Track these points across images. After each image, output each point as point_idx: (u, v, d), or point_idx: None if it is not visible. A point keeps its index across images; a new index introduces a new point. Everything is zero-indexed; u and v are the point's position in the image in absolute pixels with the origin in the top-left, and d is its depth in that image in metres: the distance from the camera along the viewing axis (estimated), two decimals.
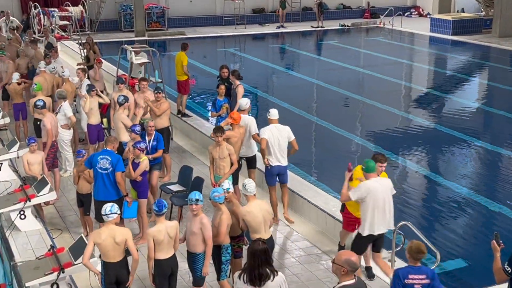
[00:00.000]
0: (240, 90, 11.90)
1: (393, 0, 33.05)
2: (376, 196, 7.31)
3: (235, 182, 9.27)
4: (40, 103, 10.84)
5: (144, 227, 8.83)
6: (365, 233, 7.44)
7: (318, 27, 29.69)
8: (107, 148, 8.72)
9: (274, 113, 9.72)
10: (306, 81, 19.92)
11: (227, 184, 7.49)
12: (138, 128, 9.58)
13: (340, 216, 8.62)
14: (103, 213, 6.85)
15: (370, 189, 7.29)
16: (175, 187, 9.90)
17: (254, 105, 17.34)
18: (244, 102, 10.22)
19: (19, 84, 13.17)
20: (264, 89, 19.24)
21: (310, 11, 31.37)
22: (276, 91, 19.20)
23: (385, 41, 27.71)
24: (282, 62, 24.38)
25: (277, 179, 9.59)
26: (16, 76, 13.09)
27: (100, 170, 8.55)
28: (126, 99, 10.85)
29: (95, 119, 11.74)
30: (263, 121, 16.04)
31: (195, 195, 7.05)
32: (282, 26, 29.21)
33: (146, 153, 9.12)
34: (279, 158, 9.44)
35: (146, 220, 9.00)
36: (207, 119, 14.51)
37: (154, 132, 9.79)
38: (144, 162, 8.82)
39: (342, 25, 30.27)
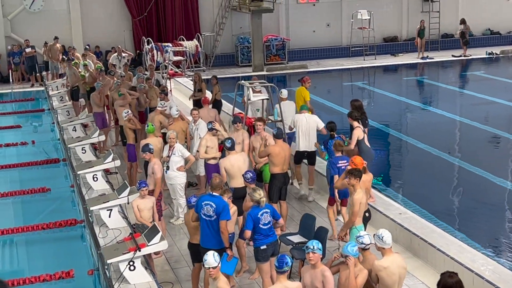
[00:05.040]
0: (356, 133, 11.69)
1: None
2: (301, 125, 12.60)
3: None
4: (149, 148, 11.04)
5: None
6: (296, 148, 12.75)
7: (461, 56, 28.95)
8: (213, 193, 8.82)
9: (284, 93, 14.35)
10: (447, 118, 19.37)
11: (368, 239, 7.41)
12: (250, 174, 9.68)
13: (487, 275, 8.75)
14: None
15: (297, 120, 12.68)
16: (296, 238, 9.88)
17: (385, 145, 17.12)
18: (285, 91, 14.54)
19: (128, 121, 13.78)
20: (397, 127, 18.93)
21: (451, 38, 30.71)
22: (411, 130, 18.83)
23: None
24: (418, 96, 23.93)
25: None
26: (124, 114, 13.72)
27: (204, 217, 8.73)
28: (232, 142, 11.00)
29: (215, 159, 12.03)
30: (397, 170, 15.82)
31: (312, 242, 7.09)
32: (427, 57, 28.70)
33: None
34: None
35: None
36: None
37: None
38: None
39: (489, 53, 29.33)
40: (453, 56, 29.14)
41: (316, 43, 30.06)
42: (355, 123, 11.79)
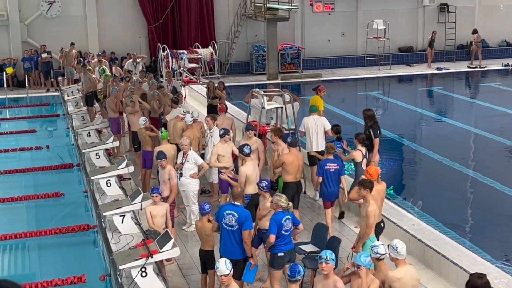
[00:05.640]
0: (353, 154, 11.79)
1: None
2: (310, 127, 13.10)
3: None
4: (164, 154, 11.14)
5: None
6: (307, 150, 13.27)
7: (476, 67, 28.86)
8: (235, 202, 8.84)
9: (287, 97, 14.59)
10: (461, 129, 19.30)
11: (383, 249, 7.36)
12: (265, 183, 9.62)
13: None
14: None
15: (306, 122, 13.20)
16: (308, 247, 9.85)
17: (399, 156, 17.06)
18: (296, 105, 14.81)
19: (146, 129, 13.86)
20: (411, 137, 18.87)
21: (466, 49, 30.62)
22: (425, 140, 18.76)
23: None
24: (432, 107, 23.86)
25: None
26: (142, 121, 13.77)
27: (225, 226, 8.70)
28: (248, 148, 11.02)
29: (227, 168, 11.99)
30: (413, 181, 15.77)
31: (326, 252, 7.09)
32: (442, 68, 28.62)
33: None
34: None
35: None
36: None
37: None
38: None
39: (505, 65, 29.19)
40: (468, 67, 29.04)
41: (331, 52, 30.06)
42: (359, 145, 11.83)
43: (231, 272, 7.10)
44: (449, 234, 11.04)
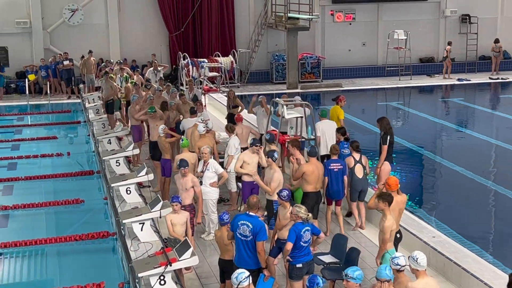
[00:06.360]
0: (346, 160, 11.95)
1: None
2: (325, 130, 13.77)
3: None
4: (187, 162, 11.21)
5: None
6: (321, 154, 13.46)
7: (498, 78, 28.64)
8: (250, 212, 8.80)
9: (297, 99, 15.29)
10: (482, 141, 19.15)
11: (403, 260, 7.31)
12: (286, 192, 9.58)
13: None
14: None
15: (319, 127, 13.83)
16: (327, 258, 9.81)
17: (419, 167, 16.97)
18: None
19: (165, 136, 13.89)
20: (431, 148, 18.76)
21: (489, 60, 30.37)
22: (446, 152, 18.64)
23: None
24: (453, 118, 23.71)
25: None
26: (160, 130, 13.82)
27: (240, 236, 8.70)
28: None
29: (249, 176, 11.93)
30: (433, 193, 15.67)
31: (348, 270, 6.98)
32: (464, 79, 28.48)
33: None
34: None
35: None
36: None
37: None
38: None
39: None
40: (490, 78, 28.84)
41: (352, 62, 30.01)
42: (353, 152, 12.00)
43: (249, 282, 7.06)
44: (469, 247, 10.94)
